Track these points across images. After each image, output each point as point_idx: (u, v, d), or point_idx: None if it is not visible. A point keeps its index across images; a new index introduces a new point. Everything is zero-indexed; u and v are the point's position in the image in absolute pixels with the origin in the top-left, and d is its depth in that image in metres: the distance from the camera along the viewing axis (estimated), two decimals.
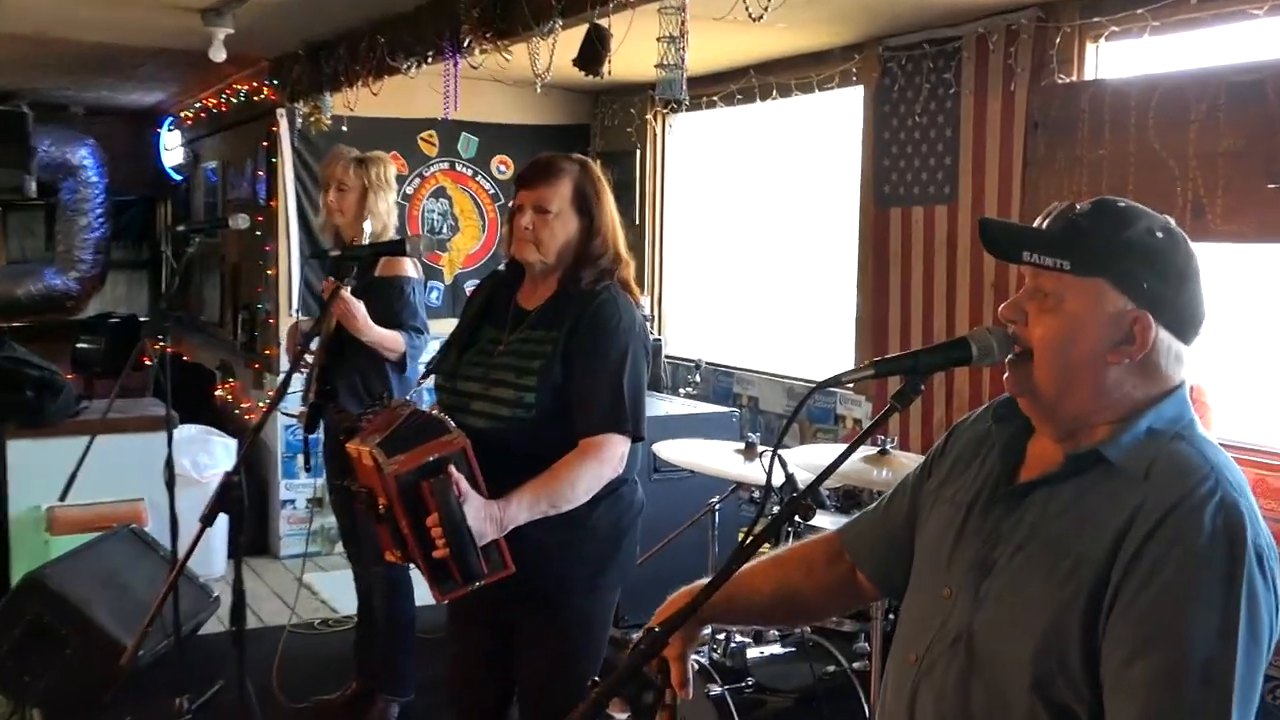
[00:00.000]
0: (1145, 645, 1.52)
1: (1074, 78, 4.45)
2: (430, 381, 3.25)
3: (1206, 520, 1.54)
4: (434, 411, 2.94)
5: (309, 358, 4.42)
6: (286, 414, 3.86)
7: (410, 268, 4.48)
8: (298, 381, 4.22)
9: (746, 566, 2.07)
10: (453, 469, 2.71)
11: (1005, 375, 1.75)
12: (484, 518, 2.72)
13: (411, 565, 2.85)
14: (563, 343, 2.92)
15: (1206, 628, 1.51)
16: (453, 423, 2.83)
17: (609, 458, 2.87)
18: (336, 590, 6.15)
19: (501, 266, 3.18)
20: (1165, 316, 1.65)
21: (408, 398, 3.09)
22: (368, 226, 4.48)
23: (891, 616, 3.70)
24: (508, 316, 3.06)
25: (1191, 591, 1.52)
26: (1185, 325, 1.67)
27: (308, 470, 4.93)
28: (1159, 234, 1.66)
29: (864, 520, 2.09)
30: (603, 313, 2.94)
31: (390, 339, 4.33)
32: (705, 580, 1.80)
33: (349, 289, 4.08)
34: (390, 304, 4.38)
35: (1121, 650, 1.54)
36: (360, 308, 4.23)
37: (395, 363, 4.37)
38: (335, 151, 4.66)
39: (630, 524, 3.08)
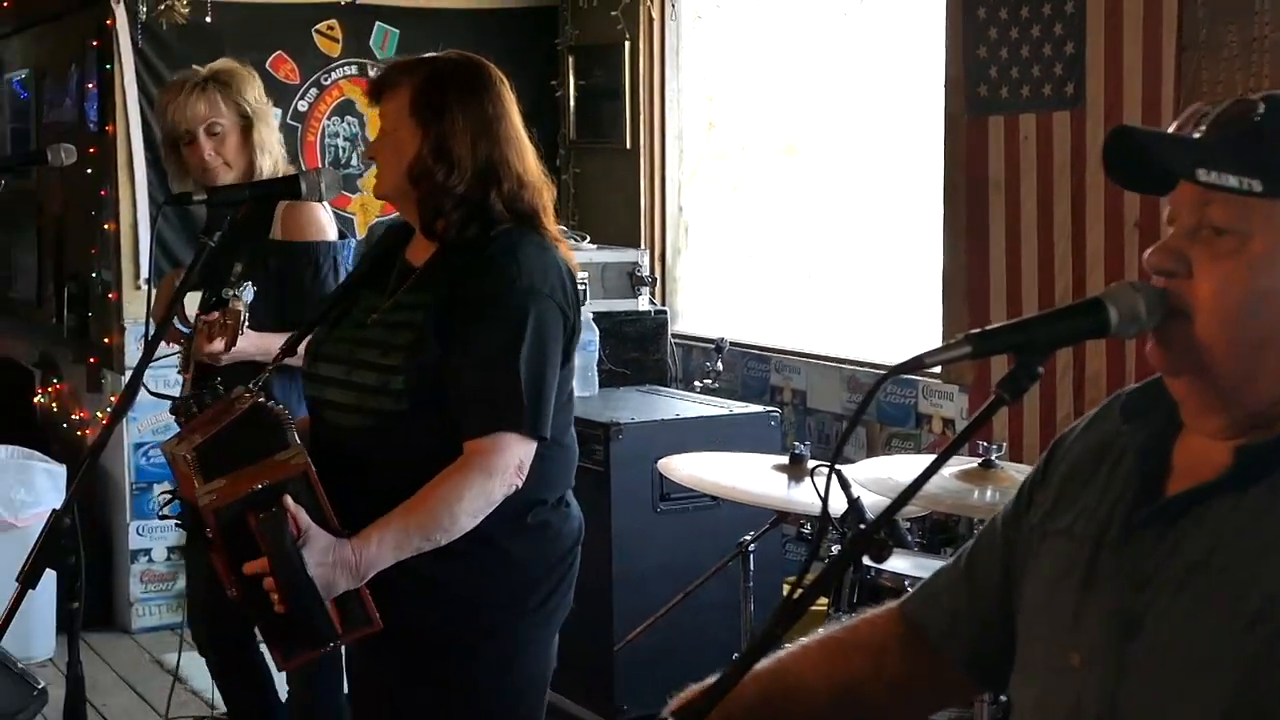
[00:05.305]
0: None
1: None
2: None
3: None
4: (279, 409, 3.03)
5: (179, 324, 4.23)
6: (158, 395, 3.77)
7: (325, 222, 4.33)
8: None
9: (786, 655, 2.06)
10: (288, 500, 2.80)
11: (1149, 347, 1.74)
12: (332, 563, 2.80)
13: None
14: (437, 309, 3.03)
15: None
16: (294, 431, 2.94)
17: (500, 466, 2.95)
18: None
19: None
20: None
21: (253, 385, 3.14)
22: (265, 166, 4.35)
23: (1004, 699, 3.71)
24: (391, 276, 3.19)
25: None
26: None
27: (170, 505, 4.71)
28: None
29: (939, 584, 2.09)
30: (494, 267, 3.03)
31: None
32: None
33: (246, 298, 3.74)
34: (297, 286, 4.20)
35: None
36: (258, 341, 3.89)
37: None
38: (174, 83, 4.46)
39: (560, 560, 3.18)
